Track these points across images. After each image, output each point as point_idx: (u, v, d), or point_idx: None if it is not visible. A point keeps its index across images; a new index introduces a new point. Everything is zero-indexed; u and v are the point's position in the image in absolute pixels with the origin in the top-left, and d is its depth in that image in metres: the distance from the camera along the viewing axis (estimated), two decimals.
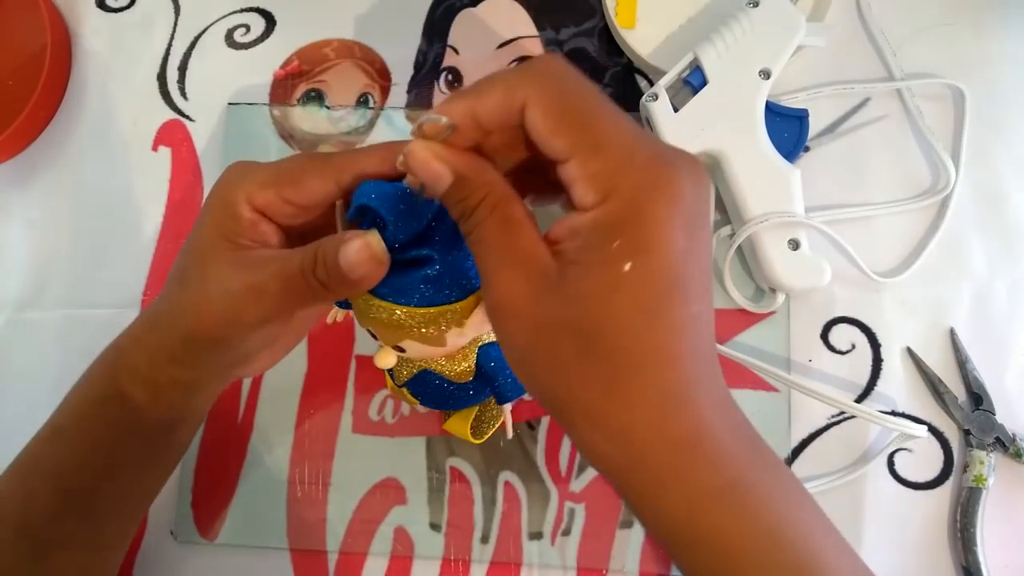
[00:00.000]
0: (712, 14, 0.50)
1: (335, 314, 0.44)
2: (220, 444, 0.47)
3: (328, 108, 0.52)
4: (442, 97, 0.52)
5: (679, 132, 0.45)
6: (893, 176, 0.49)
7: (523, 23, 0.53)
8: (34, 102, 0.50)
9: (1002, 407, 0.45)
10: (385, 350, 0.33)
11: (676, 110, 0.45)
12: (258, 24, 0.54)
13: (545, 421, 0.46)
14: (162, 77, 0.53)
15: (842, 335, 0.47)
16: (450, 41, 0.53)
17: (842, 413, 0.46)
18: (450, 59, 0.53)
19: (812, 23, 0.47)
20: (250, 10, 0.54)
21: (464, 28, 0.53)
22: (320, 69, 0.53)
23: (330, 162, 0.31)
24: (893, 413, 0.45)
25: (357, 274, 0.28)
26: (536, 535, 0.45)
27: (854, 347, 0.47)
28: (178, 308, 0.31)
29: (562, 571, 0.44)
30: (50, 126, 0.53)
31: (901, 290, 0.47)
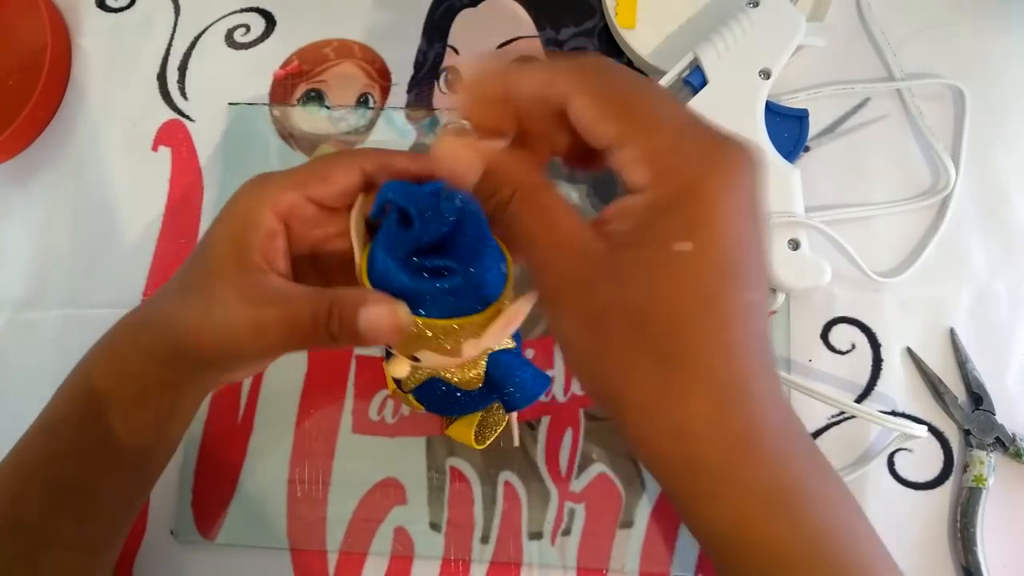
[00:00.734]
0: (712, 14, 0.50)
1: None
2: (220, 444, 0.47)
3: (328, 108, 0.52)
4: (442, 97, 0.52)
5: None
6: (893, 176, 0.49)
7: (523, 23, 0.53)
8: (34, 102, 0.50)
9: (1002, 407, 0.45)
10: (399, 359, 0.32)
11: None
12: (258, 24, 0.54)
13: (545, 421, 0.46)
14: (162, 77, 0.53)
15: (842, 335, 0.47)
16: (450, 41, 0.53)
17: (842, 413, 0.45)
18: (450, 59, 0.53)
19: (812, 23, 0.47)
20: (250, 10, 0.54)
21: (464, 28, 0.53)
22: (320, 69, 0.53)
23: (355, 153, 0.31)
24: (893, 413, 0.45)
25: (374, 339, 0.27)
26: (536, 535, 0.45)
27: (854, 347, 0.47)
28: (175, 317, 0.31)
29: (562, 571, 0.44)
30: (50, 126, 0.53)
31: (901, 290, 0.47)
